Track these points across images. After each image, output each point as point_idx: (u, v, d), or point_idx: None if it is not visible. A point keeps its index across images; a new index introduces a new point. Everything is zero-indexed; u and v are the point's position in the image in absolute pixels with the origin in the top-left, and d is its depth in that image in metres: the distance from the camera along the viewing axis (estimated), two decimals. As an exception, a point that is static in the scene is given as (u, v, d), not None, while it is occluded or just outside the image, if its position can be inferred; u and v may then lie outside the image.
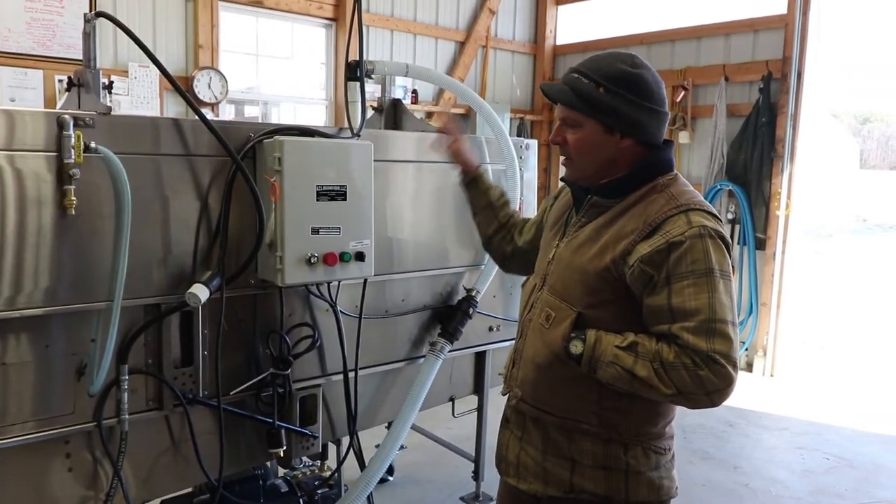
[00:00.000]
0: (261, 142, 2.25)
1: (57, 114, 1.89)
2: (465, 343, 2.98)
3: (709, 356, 1.58)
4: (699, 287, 1.62)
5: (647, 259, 1.66)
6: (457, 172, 2.44)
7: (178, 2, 5.45)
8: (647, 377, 1.62)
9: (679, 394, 1.61)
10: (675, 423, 1.89)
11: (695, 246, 1.64)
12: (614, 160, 1.79)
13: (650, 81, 1.77)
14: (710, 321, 1.60)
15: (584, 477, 1.79)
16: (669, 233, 1.67)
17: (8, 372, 1.91)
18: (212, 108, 5.56)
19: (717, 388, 1.59)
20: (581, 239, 1.83)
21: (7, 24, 4.76)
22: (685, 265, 1.63)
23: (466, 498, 3.45)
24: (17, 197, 1.86)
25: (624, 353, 1.66)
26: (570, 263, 1.82)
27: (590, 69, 1.78)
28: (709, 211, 1.73)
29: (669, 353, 1.61)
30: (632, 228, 1.72)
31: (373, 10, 6.54)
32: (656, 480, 1.80)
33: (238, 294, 2.29)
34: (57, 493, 2.05)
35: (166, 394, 2.19)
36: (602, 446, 1.78)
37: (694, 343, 1.59)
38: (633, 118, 1.75)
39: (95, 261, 2.00)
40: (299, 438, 2.50)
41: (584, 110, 1.77)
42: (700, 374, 1.58)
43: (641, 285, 1.69)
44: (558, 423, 1.82)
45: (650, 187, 1.77)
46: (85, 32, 2.20)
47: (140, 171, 2.04)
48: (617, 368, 1.66)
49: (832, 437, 4.99)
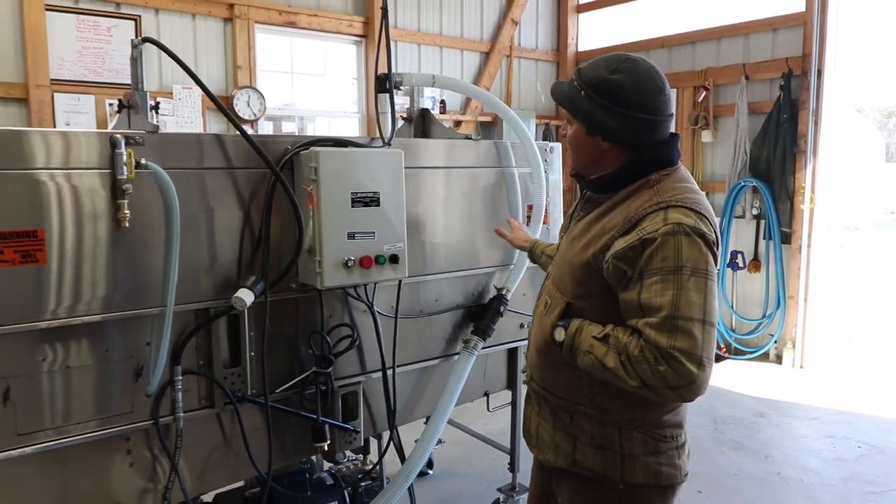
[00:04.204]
0: (298, 153, 2.29)
1: (109, 134, 1.96)
2: (497, 340, 3.00)
3: (668, 353, 1.55)
4: (666, 284, 1.59)
5: (620, 255, 1.66)
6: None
7: (217, 26, 5.57)
8: (614, 368, 1.63)
9: (645, 386, 1.60)
10: (706, 415, 1.88)
11: (666, 243, 1.61)
12: (599, 158, 1.81)
13: (627, 87, 1.72)
14: (672, 318, 1.57)
15: (584, 454, 1.83)
16: (644, 230, 1.65)
17: (71, 375, 1.98)
18: (251, 125, 5.67)
19: (679, 385, 1.55)
20: (575, 232, 1.86)
21: (61, 54, 4.91)
22: (656, 262, 1.61)
23: (503, 489, 3.45)
24: (74, 212, 1.93)
25: (599, 343, 1.68)
26: (564, 255, 1.87)
27: (582, 72, 1.81)
28: (691, 208, 1.67)
29: (636, 347, 1.60)
30: (614, 224, 1.73)
31: (400, 26, 6.60)
32: (653, 465, 1.78)
33: (281, 297, 2.34)
34: (120, 487, 2.11)
35: (217, 393, 2.24)
36: (598, 427, 1.81)
37: (655, 339, 1.57)
38: (605, 124, 1.74)
39: (148, 270, 2.06)
40: (342, 433, 2.54)
41: (570, 111, 1.83)
42: (660, 370, 1.56)
43: (616, 280, 1.69)
44: (561, 403, 1.88)
45: (641, 183, 1.76)
46: (132, 58, 2.27)
47: (187, 185, 2.11)
48: (591, 357, 1.69)
49: (863, 426, 4.88)
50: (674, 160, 1.81)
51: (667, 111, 1.77)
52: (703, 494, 3.81)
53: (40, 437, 1.95)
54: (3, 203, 1.82)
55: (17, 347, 1.89)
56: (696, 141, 6.85)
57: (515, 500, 3.39)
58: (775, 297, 6.38)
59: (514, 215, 3.00)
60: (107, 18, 5.08)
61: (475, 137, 2.95)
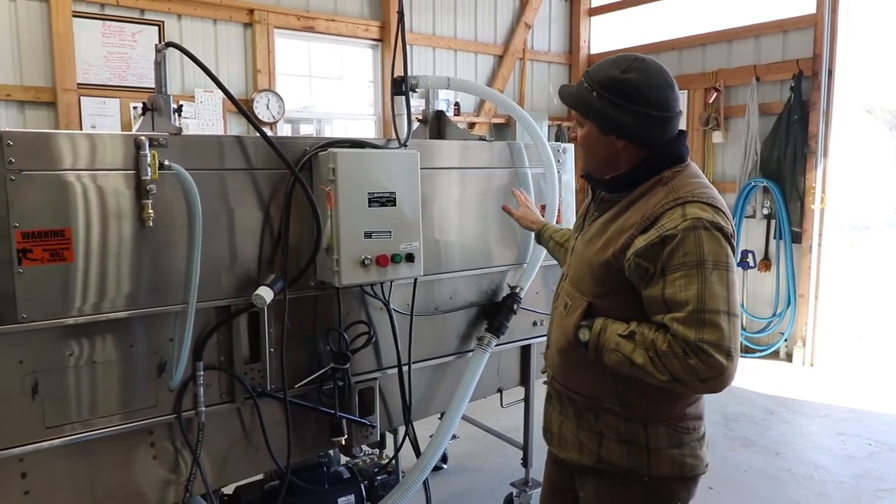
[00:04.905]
0: (316, 154, 2.30)
1: (134, 136, 1.98)
2: (510, 337, 2.99)
3: (697, 346, 1.56)
4: (689, 279, 1.59)
5: (641, 253, 1.66)
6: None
7: (237, 31, 5.61)
8: (643, 364, 1.63)
9: (675, 380, 1.60)
10: (717, 412, 1.88)
11: (687, 238, 1.61)
12: (613, 157, 1.81)
13: (641, 85, 1.73)
14: (699, 312, 1.57)
15: (609, 450, 1.82)
16: (664, 226, 1.65)
17: (97, 370, 2.01)
18: (270, 128, 5.69)
19: (709, 376, 1.56)
20: (592, 233, 1.86)
21: (87, 59, 4.96)
22: (678, 257, 1.61)
23: (517, 483, 3.44)
24: (100, 212, 1.95)
25: (625, 340, 1.68)
26: (582, 256, 1.86)
27: (591, 73, 1.81)
28: (707, 202, 1.68)
29: (663, 342, 1.60)
30: (632, 223, 1.72)
31: (416, 30, 6.61)
32: (678, 457, 1.79)
33: (299, 295, 2.35)
34: (144, 478, 2.13)
35: (237, 388, 2.26)
36: (624, 423, 1.80)
37: (683, 333, 1.57)
38: (619, 121, 1.74)
39: (171, 268, 2.08)
40: (359, 428, 2.55)
41: (581, 112, 1.82)
42: (690, 363, 1.56)
43: (639, 277, 1.68)
44: (585, 401, 1.87)
45: (655, 181, 1.76)
46: (156, 62, 2.29)
47: (208, 185, 2.12)
48: (618, 355, 1.68)
49: (873, 423, 4.83)
50: (684, 157, 1.82)
51: (676, 108, 1.78)
52: (714, 490, 3.78)
53: (67, 430, 1.97)
54: (32, 203, 1.84)
55: (46, 343, 1.92)
56: (707, 142, 6.80)
57: (528, 494, 3.38)
58: (786, 296, 6.32)
59: (528, 215, 2.99)
60: (131, 24, 5.12)
61: (489, 139, 2.94)
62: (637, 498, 1.83)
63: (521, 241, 3.00)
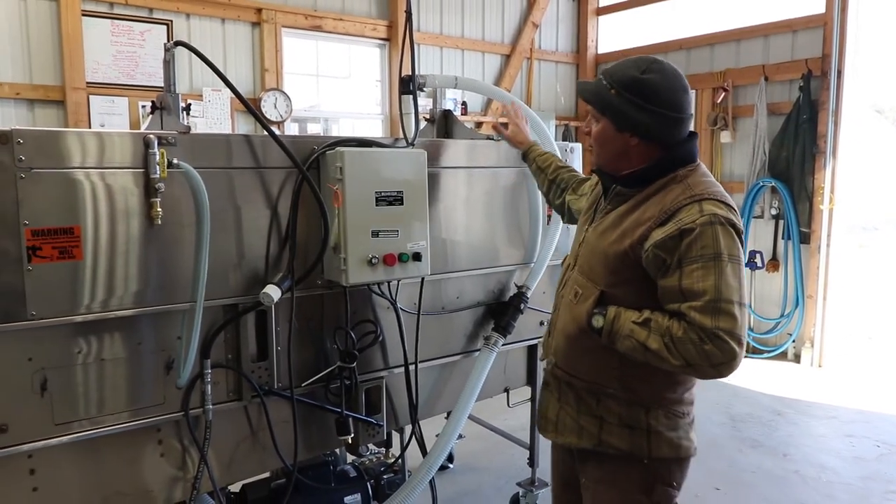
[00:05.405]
0: (324, 153, 2.30)
1: (143, 134, 1.99)
2: (517, 337, 2.99)
3: (713, 333, 1.64)
4: (707, 270, 1.67)
5: (660, 244, 1.73)
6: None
7: (245, 30, 5.62)
8: (657, 350, 1.70)
9: (688, 365, 1.68)
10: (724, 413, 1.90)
11: (705, 232, 1.69)
12: (626, 154, 1.87)
13: (659, 87, 1.80)
14: (715, 301, 1.65)
15: (610, 434, 1.90)
16: (682, 220, 1.72)
17: (105, 367, 2.01)
18: (278, 127, 5.70)
19: (721, 362, 1.65)
20: (606, 224, 1.92)
21: (96, 58, 4.99)
22: (696, 250, 1.69)
23: (523, 483, 3.44)
24: (108, 210, 1.95)
25: (639, 327, 1.75)
26: (595, 247, 1.92)
27: (610, 72, 1.87)
28: (722, 200, 1.77)
29: (679, 329, 1.68)
30: (649, 216, 1.80)
31: (423, 29, 6.61)
32: (675, 440, 1.88)
33: (307, 294, 2.35)
34: (151, 475, 2.14)
35: (245, 386, 2.26)
36: (626, 407, 1.88)
37: (700, 321, 1.65)
38: (637, 120, 1.81)
39: (179, 266, 2.08)
40: (365, 427, 2.55)
41: (599, 108, 1.88)
42: (705, 349, 1.64)
43: (655, 268, 1.76)
44: (586, 386, 1.93)
45: (670, 178, 1.83)
46: (165, 61, 2.30)
47: (217, 184, 2.12)
48: (632, 341, 1.76)
49: (882, 425, 4.80)
50: (695, 157, 1.89)
51: (689, 110, 1.87)
52: (721, 492, 3.77)
53: (75, 426, 1.98)
54: (42, 201, 1.85)
55: (54, 340, 1.93)
56: (715, 141, 6.77)
57: (535, 494, 3.38)
58: (794, 297, 6.29)
59: (534, 214, 2.99)
60: (140, 23, 5.14)
61: (496, 138, 2.94)
62: (637, 479, 1.90)
63: (528, 240, 2.99)
